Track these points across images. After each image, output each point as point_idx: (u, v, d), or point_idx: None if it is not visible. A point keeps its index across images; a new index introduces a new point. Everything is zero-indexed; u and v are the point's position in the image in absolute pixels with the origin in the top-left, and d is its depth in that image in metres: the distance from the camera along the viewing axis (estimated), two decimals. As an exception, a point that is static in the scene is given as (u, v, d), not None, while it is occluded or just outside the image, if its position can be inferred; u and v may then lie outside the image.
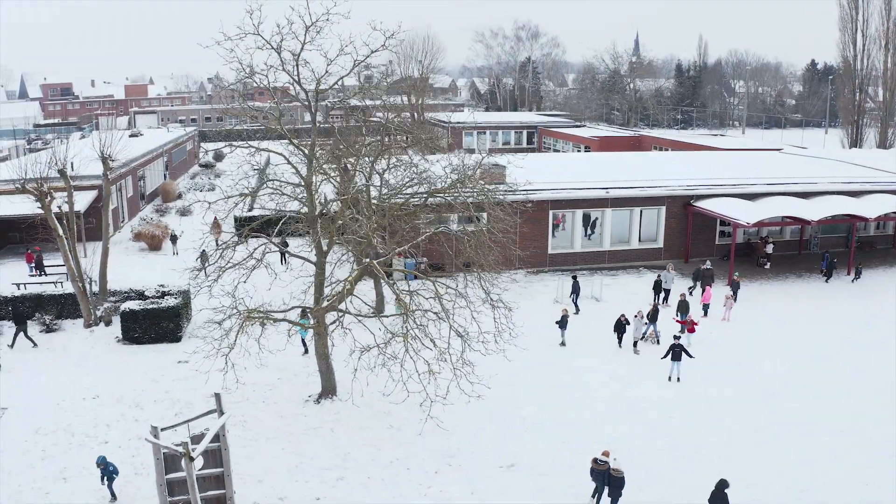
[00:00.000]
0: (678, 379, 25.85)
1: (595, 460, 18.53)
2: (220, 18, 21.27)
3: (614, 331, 28.82)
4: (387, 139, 26.01)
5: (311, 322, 24.12)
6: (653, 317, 29.55)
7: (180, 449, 14.81)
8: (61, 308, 30.70)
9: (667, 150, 69.37)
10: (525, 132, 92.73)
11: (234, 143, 23.84)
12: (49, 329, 29.65)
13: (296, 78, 21.70)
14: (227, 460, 16.49)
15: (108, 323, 30.13)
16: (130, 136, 69.02)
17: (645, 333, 29.60)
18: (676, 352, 25.67)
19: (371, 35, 21.52)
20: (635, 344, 28.65)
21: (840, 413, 23.86)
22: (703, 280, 34.35)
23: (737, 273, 35.22)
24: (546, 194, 39.28)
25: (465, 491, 19.18)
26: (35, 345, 28.21)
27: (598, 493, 18.67)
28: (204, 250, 31.30)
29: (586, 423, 22.89)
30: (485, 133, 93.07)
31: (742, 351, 28.90)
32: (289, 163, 23.12)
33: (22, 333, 28.10)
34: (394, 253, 23.91)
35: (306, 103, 22.60)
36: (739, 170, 44.51)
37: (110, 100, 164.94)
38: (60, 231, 28.13)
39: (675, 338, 26.07)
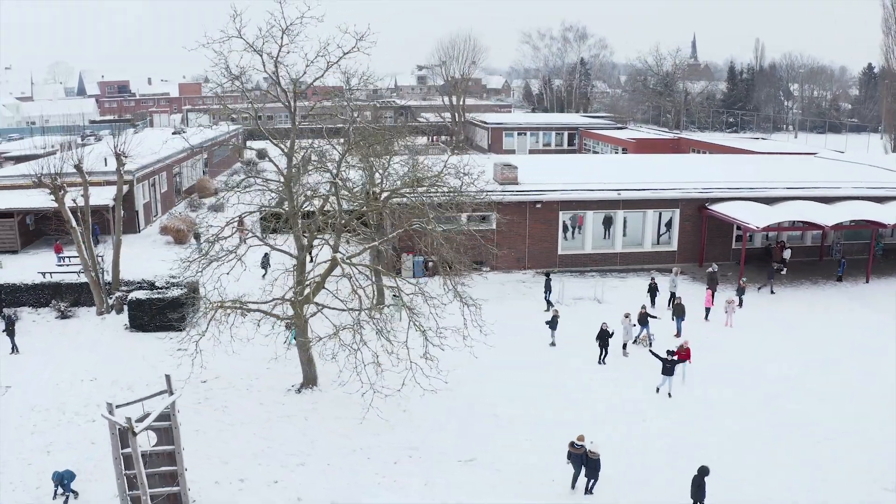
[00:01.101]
0: (669, 394, 24.89)
1: (572, 444, 19.29)
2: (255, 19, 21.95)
3: (596, 340, 27.69)
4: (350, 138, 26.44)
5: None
6: (643, 319, 29.41)
7: (124, 423, 15.76)
8: (78, 296, 32.38)
9: (704, 152, 68.26)
10: (566, 133, 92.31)
11: (223, 141, 24.72)
12: (64, 315, 31.34)
13: (275, 79, 22.55)
14: (177, 438, 17.38)
15: (119, 311, 31.66)
16: (173, 133, 71.71)
17: (637, 336, 29.54)
18: (668, 367, 24.71)
19: (370, 37, 22.19)
20: (625, 346, 28.59)
21: (843, 415, 23.72)
22: (708, 283, 34.03)
23: (744, 279, 34.65)
24: (556, 195, 39.36)
25: (419, 482, 19.67)
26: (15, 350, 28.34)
27: (576, 476, 19.41)
28: (198, 233, 32.44)
29: (559, 422, 22.97)
30: (525, 134, 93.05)
31: (745, 354, 28.56)
32: (271, 161, 24.00)
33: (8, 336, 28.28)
34: (368, 247, 24.39)
35: (286, 103, 23.41)
36: (762, 173, 43.69)
37: (165, 97, 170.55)
38: (74, 223, 29.72)
39: (669, 353, 24.92)
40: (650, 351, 25.15)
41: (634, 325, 28.91)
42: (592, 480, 19.24)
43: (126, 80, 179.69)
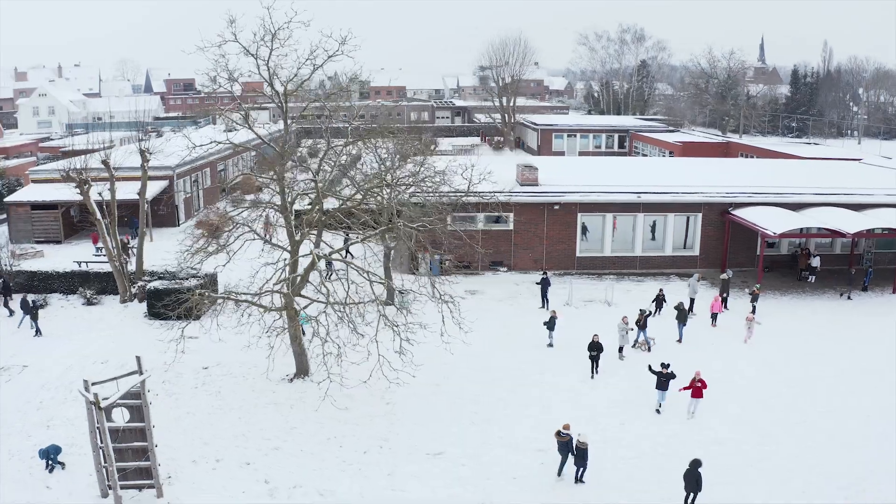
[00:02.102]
0: (657, 410, 23.87)
1: (558, 433, 19.92)
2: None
3: (588, 351, 26.53)
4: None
5: (307, 314, 26.04)
6: (642, 324, 29.23)
7: (91, 398, 16.91)
8: (105, 284, 34.25)
9: (752, 156, 66.68)
10: (617, 136, 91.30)
11: (219, 140, 25.81)
12: (90, 302, 33.22)
13: (268, 80, 23.54)
14: (147, 415, 18.45)
15: (141, 300, 33.34)
16: (225, 131, 74.17)
17: (636, 341, 29.39)
18: (662, 381, 23.64)
19: (353, 41, 23.01)
20: (621, 350, 28.49)
21: (845, 428, 23.35)
22: (721, 290, 33.60)
23: (757, 285, 33.94)
24: (574, 197, 39.33)
25: (382, 472, 20.25)
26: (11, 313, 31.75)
27: (562, 464, 20.01)
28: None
29: (539, 422, 23.13)
30: (574, 136, 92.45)
31: (752, 361, 28.09)
32: (264, 157, 25.01)
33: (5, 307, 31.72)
34: (351, 243, 25.06)
35: (279, 104, 24.37)
36: (793, 179, 42.58)
37: (229, 95, 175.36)
38: (98, 215, 31.51)
39: (664, 366, 23.89)
40: (649, 367, 24.39)
41: (632, 330, 28.75)
42: (582, 469, 19.84)
43: (192, 78, 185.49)
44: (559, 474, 20.13)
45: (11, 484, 19.43)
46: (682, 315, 29.89)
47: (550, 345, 29.42)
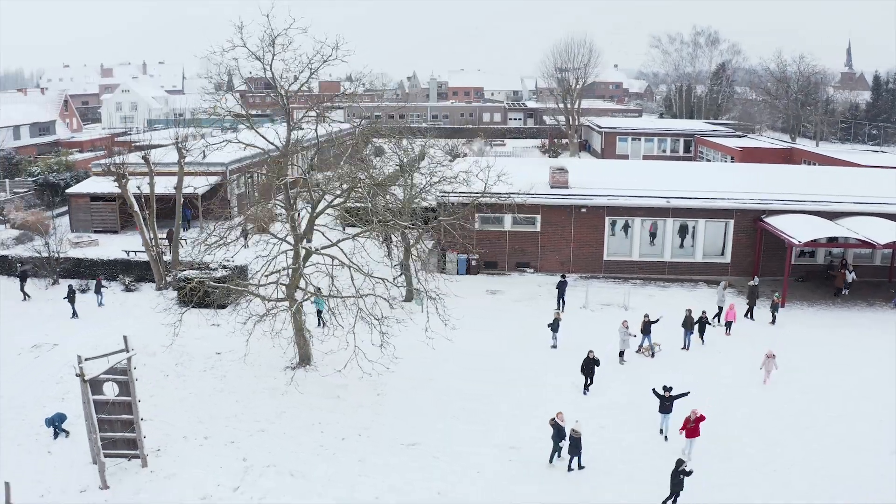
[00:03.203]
0: (665, 437, 22.67)
1: (552, 421, 20.74)
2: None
3: (581, 372, 25.64)
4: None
5: (326, 300, 27.31)
6: (645, 329, 29.07)
7: (77, 371, 18.51)
8: (145, 273, 36.53)
9: (814, 164, 64.29)
10: (682, 140, 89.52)
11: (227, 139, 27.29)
12: (128, 289, 35.52)
13: (272, 83, 24.83)
14: (133, 390, 19.94)
15: (175, 288, 35.39)
16: (290, 129, 76.84)
17: (640, 346, 29.27)
18: (666, 404, 22.56)
19: (345, 46, 24.10)
20: (621, 354, 28.42)
21: (855, 431, 23.26)
22: (748, 297, 32.98)
23: (776, 294, 33.13)
24: (602, 200, 39.24)
25: (354, 458, 21.11)
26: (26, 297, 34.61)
27: (554, 453, 20.82)
28: (246, 231, 35.28)
29: (524, 421, 23.49)
30: (639, 139, 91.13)
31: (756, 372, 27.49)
32: (269, 156, 26.34)
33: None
34: (343, 239, 26.00)
35: (282, 105, 25.62)
36: (834, 186, 41.09)
37: (305, 94, 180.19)
38: (136, 207, 33.69)
39: (665, 389, 22.73)
40: (653, 390, 23.37)
41: (634, 336, 28.57)
42: (576, 457, 20.52)
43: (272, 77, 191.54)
44: (550, 461, 20.89)
45: (17, 447, 21.34)
46: (689, 322, 29.56)
47: (554, 346, 29.63)
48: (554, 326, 29.57)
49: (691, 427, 21.12)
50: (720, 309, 32.69)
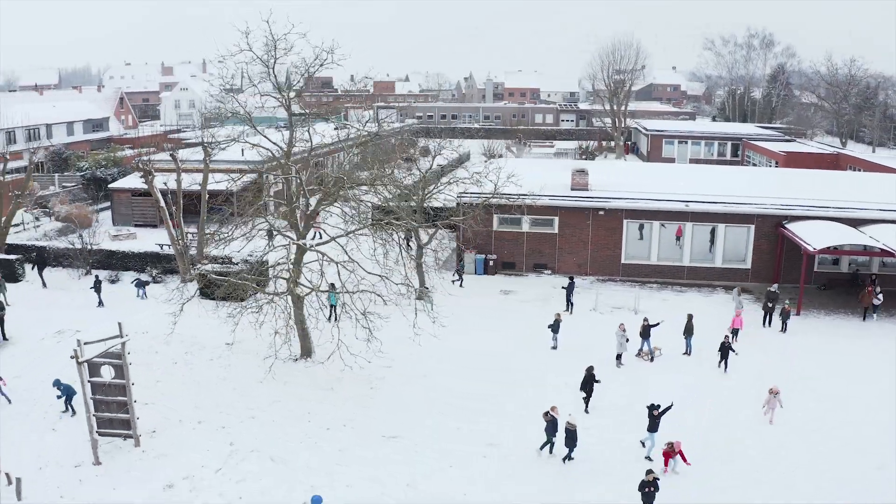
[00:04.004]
0: (648, 457, 21.79)
1: (546, 413, 21.45)
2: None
3: (581, 389, 24.74)
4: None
5: (339, 295, 28.37)
6: (644, 333, 29.01)
7: (72, 354, 19.80)
8: (174, 265, 38.15)
9: (859, 169, 62.43)
10: (729, 144, 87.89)
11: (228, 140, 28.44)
12: (155, 280, 37.19)
13: (276, 85, 25.87)
14: (127, 374, 21.15)
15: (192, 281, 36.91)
16: (335, 129, 78.39)
17: (640, 350, 29.23)
18: (654, 422, 21.69)
19: (339, 51, 24.99)
20: (619, 357, 28.46)
21: (862, 436, 23.25)
22: (765, 303, 32.54)
23: (787, 301, 32.58)
24: (620, 203, 39.19)
25: (334, 447, 21.87)
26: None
27: (546, 444, 21.53)
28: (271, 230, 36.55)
29: (510, 419, 23.88)
30: (686, 143, 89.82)
31: (769, 379, 26.95)
32: (274, 156, 27.39)
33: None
34: (339, 236, 26.76)
35: (285, 106, 26.63)
36: (861, 193, 40.06)
37: (361, 94, 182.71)
38: (162, 203, 35.27)
39: (653, 406, 21.88)
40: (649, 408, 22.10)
41: (627, 340, 28.53)
42: (570, 450, 21.10)
43: (330, 77, 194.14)
44: (540, 449, 21.63)
45: (27, 424, 22.86)
46: (690, 327, 29.38)
47: (554, 347, 29.85)
48: (554, 327, 29.79)
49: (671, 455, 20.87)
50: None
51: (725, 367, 27.77)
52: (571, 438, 20.85)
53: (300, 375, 26.72)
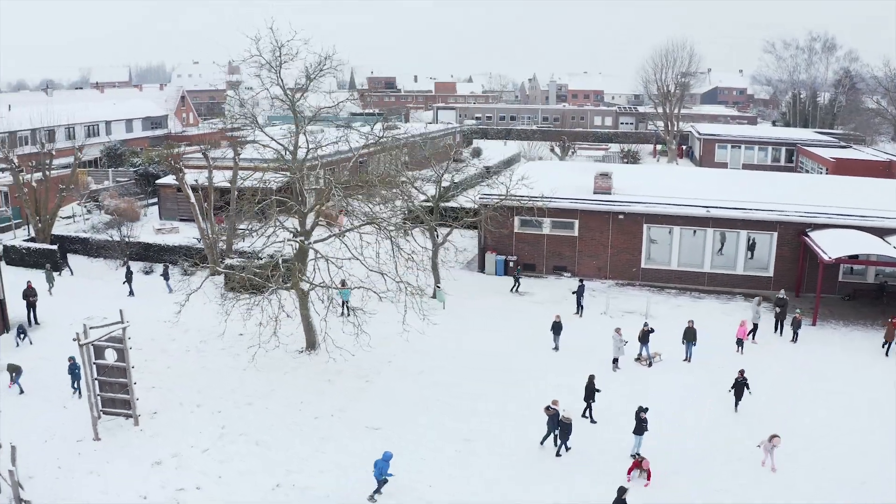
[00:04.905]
0: (634, 455, 21.80)
1: (547, 407, 22.26)
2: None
3: (584, 399, 24.43)
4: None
5: (350, 291, 29.64)
6: (643, 338, 29.08)
7: (74, 337, 21.42)
8: (203, 259, 39.98)
9: (913, 178, 60.18)
10: (784, 149, 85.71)
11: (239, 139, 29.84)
12: (186, 272, 39.10)
13: (283, 87, 27.12)
14: (127, 357, 22.67)
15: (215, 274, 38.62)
16: (385, 128, 79.72)
17: (639, 354, 29.32)
18: (637, 426, 22.01)
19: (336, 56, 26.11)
20: (615, 361, 28.62)
21: (869, 440, 23.31)
22: (780, 311, 32.15)
23: (798, 310, 32.04)
24: (640, 207, 39.14)
25: (318, 435, 22.89)
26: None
27: (547, 436, 22.38)
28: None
29: (497, 418, 24.33)
30: (739, 147, 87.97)
31: (769, 388, 27.07)
32: (281, 157, 28.67)
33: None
34: (336, 234, 27.73)
35: (291, 108, 27.83)
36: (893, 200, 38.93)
37: (423, 94, 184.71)
38: (192, 198, 37.12)
39: (642, 409, 22.14)
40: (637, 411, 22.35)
41: (626, 342, 28.64)
42: (563, 442, 21.95)
43: (393, 77, 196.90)
44: (542, 443, 22.42)
45: (44, 401, 24.70)
46: (691, 334, 29.31)
47: (556, 348, 30.22)
48: (555, 329, 30.15)
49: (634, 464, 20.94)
50: (755, 326, 31.78)
51: (736, 406, 25.19)
52: (566, 431, 21.82)
53: (301, 366, 27.91)
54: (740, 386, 25.03)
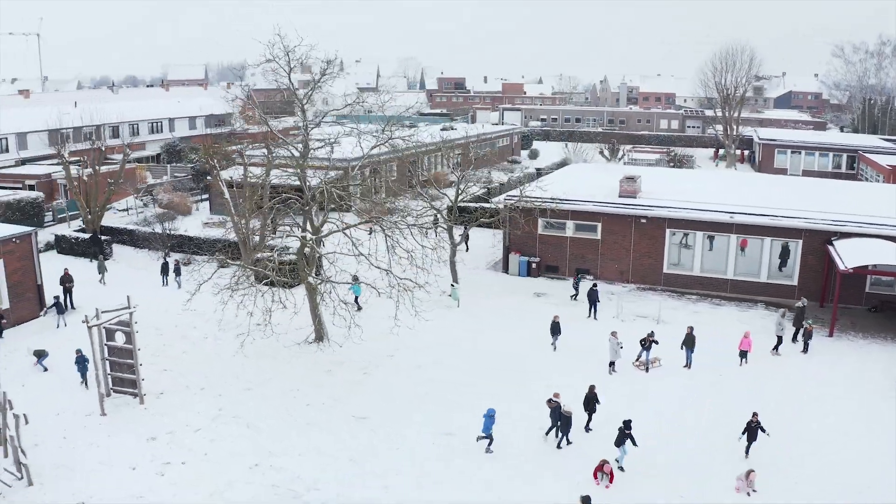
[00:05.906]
0: (621, 468, 21.79)
1: (549, 400, 23.30)
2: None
3: (584, 409, 24.13)
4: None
5: (361, 286, 31.05)
6: (646, 345, 29.10)
7: (83, 320, 23.27)
8: (237, 253, 41.98)
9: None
10: (845, 156, 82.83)
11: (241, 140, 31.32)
12: (221, 265, 41.06)
13: (293, 90, 28.52)
14: (134, 340, 24.43)
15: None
16: (441, 129, 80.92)
17: (637, 358, 29.42)
18: (623, 434, 21.71)
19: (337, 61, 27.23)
20: (612, 364, 28.81)
21: (872, 447, 23.33)
22: (794, 320, 31.68)
23: (809, 321, 31.43)
24: (663, 212, 38.99)
25: (304, 421, 24.10)
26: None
27: (551, 428, 23.35)
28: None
29: (475, 414, 24.73)
30: (799, 153, 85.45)
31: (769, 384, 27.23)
32: (291, 156, 30.07)
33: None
34: (333, 232, 28.83)
35: (301, 108, 29.20)
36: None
37: (491, 95, 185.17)
38: (227, 194, 39.04)
39: (625, 422, 21.86)
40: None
41: (622, 346, 28.75)
42: (563, 435, 22.83)
43: (462, 77, 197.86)
44: (546, 434, 23.30)
45: (63, 378, 26.78)
46: (691, 340, 29.20)
47: (555, 349, 30.63)
48: (553, 329, 30.54)
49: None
50: (779, 339, 30.92)
51: (747, 452, 22.85)
52: (566, 424, 22.63)
53: (306, 357, 29.21)
54: (754, 430, 22.57)
